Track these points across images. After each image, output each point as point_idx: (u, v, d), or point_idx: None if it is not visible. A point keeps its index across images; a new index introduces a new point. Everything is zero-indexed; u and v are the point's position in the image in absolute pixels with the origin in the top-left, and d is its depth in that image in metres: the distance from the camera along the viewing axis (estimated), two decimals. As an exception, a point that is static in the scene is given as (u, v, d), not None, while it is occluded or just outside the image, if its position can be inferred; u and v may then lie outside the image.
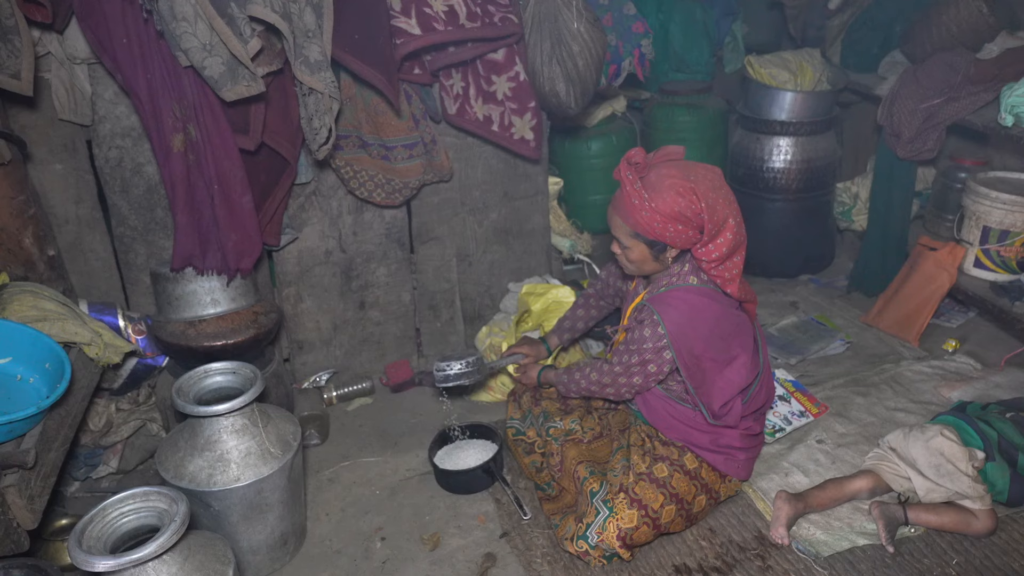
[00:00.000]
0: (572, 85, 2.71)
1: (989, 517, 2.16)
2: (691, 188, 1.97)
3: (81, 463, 2.51)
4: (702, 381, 2.13)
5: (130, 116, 2.48)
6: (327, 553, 2.31)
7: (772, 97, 3.62)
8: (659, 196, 1.97)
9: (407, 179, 2.74)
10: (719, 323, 2.12)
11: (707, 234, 2.00)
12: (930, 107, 3.10)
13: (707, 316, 2.11)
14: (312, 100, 2.25)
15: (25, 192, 2.30)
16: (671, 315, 2.07)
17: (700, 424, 2.22)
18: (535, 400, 2.53)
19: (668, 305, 2.09)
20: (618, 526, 2.08)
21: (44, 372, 2.00)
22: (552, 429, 2.41)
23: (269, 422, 2.16)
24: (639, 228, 2.03)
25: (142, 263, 2.68)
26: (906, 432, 2.32)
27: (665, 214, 1.97)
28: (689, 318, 2.08)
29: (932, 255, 3.22)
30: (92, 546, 1.61)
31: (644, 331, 2.11)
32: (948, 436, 2.22)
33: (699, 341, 2.09)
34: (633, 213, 2.01)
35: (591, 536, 2.10)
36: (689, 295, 2.10)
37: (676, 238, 2.01)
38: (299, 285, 2.92)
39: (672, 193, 1.96)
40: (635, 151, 2.04)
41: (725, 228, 2.02)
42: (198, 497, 2.03)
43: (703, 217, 1.97)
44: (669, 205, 1.96)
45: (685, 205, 1.96)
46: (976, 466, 2.20)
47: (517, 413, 2.55)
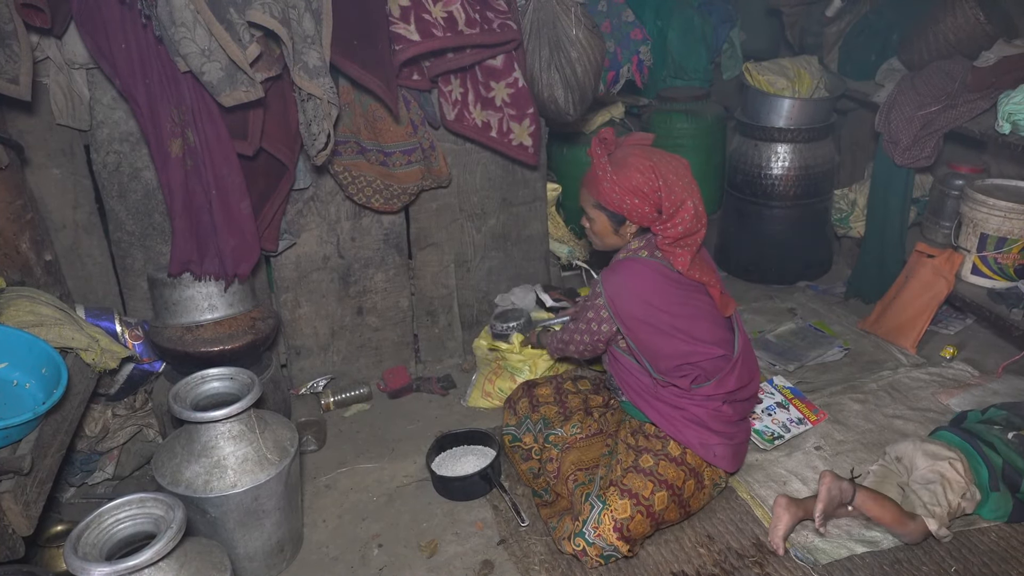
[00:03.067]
0: (570, 91, 2.72)
1: (925, 530, 2.16)
2: (651, 167, 2.12)
3: (77, 469, 2.50)
4: (643, 343, 2.22)
5: (128, 121, 2.48)
6: (324, 560, 2.30)
7: (770, 104, 3.63)
8: (622, 171, 2.13)
9: (405, 185, 2.74)
10: (659, 293, 2.19)
11: (665, 212, 2.13)
12: (927, 114, 3.11)
13: (646, 283, 2.19)
14: (311, 106, 2.26)
15: (22, 196, 2.30)
16: (611, 279, 2.21)
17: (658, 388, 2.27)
18: (533, 406, 2.55)
19: (612, 271, 2.24)
20: (613, 517, 2.10)
21: (40, 377, 1.99)
22: (552, 436, 2.44)
23: (266, 428, 2.15)
24: (602, 199, 2.19)
25: (139, 268, 2.68)
26: (916, 445, 2.30)
27: (625, 187, 2.12)
28: (626, 282, 2.20)
29: (930, 262, 3.22)
30: (88, 553, 1.61)
31: (595, 297, 2.27)
32: (957, 469, 2.20)
33: (637, 304, 2.18)
34: (598, 184, 2.18)
35: (588, 532, 2.11)
36: (633, 264, 2.21)
37: (633, 211, 2.15)
38: (297, 291, 2.91)
39: (633, 170, 2.12)
40: (606, 130, 2.21)
41: (682, 209, 2.12)
42: (195, 503, 2.02)
43: (660, 195, 2.11)
44: (629, 179, 2.12)
45: (643, 181, 2.11)
46: (964, 506, 2.19)
47: (512, 419, 2.57)
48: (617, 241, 2.29)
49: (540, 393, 2.59)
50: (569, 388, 2.62)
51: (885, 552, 2.18)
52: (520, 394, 2.62)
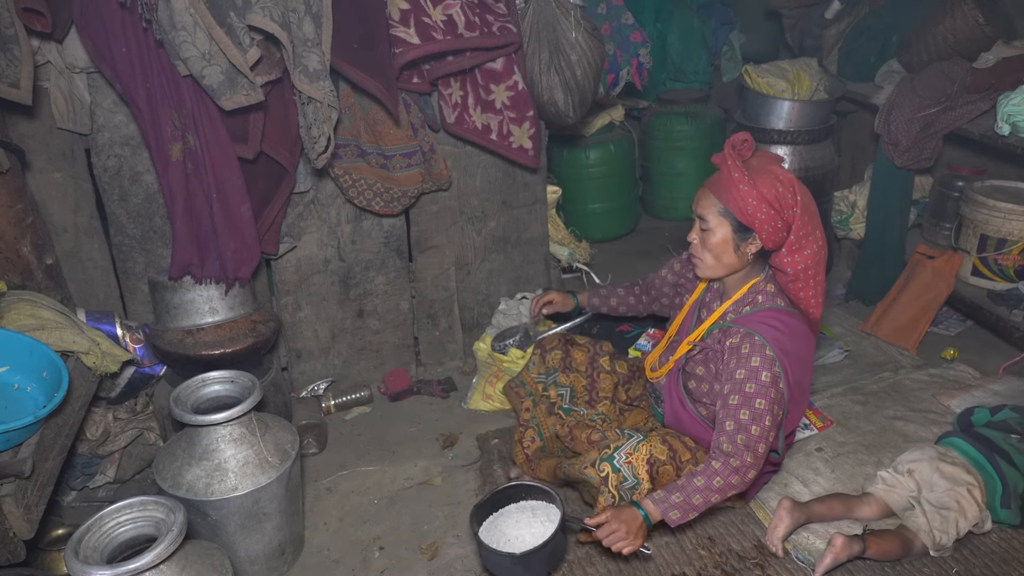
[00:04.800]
0: (570, 94, 2.72)
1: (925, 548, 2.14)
2: (792, 181, 1.94)
3: (78, 472, 2.50)
4: (790, 415, 2.05)
5: (129, 125, 2.49)
6: (325, 563, 2.30)
7: (770, 106, 3.63)
8: (760, 177, 1.93)
9: (406, 188, 2.75)
10: (807, 346, 2.05)
11: (794, 234, 1.94)
12: (927, 116, 3.12)
13: (801, 338, 2.02)
14: (311, 109, 2.26)
15: (23, 200, 2.30)
16: (774, 335, 1.96)
17: None
18: (565, 367, 2.39)
19: (766, 325, 1.98)
20: (650, 451, 2.02)
21: (41, 381, 1.99)
22: (575, 412, 2.35)
23: (267, 431, 2.16)
24: (731, 204, 1.95)
25: (140, 272, 2.68)
26: (934, 463, 2.24)
27: (762, 194, 1.91)
28: (789, 337, 1.98)
29: (930, 263, 3.23)
30: (89, 556, 1.61)
31: (752, 361, 1.95)
32: (975, 496, 2.16)
33: (799, 364, 2.00)
34: (730, 187, 1.94)
35: (618, 457, 2.01)
36: (784, 315, 2.01)
37: (764, 226, 1.93)
38: (297, 294, 2.91)
39: (773, 178, 1.93)
40: (740, 134, 1.98)
41: (812, 240, 1.96)
42: (195, 506, 2.02)
43: (796, 212, 1.92)
44: (769, 187, 1.91)
45: (784, 192, 1.92)
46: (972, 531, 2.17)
47: (542, 368, 2.44)
48: (733, 262, 2.03)
49: (576, 357, 2.42)
50: (604, 365, 2.43)
51: (886, 554, 2.17)
52: (555, 344, 2.46)
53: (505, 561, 1.96)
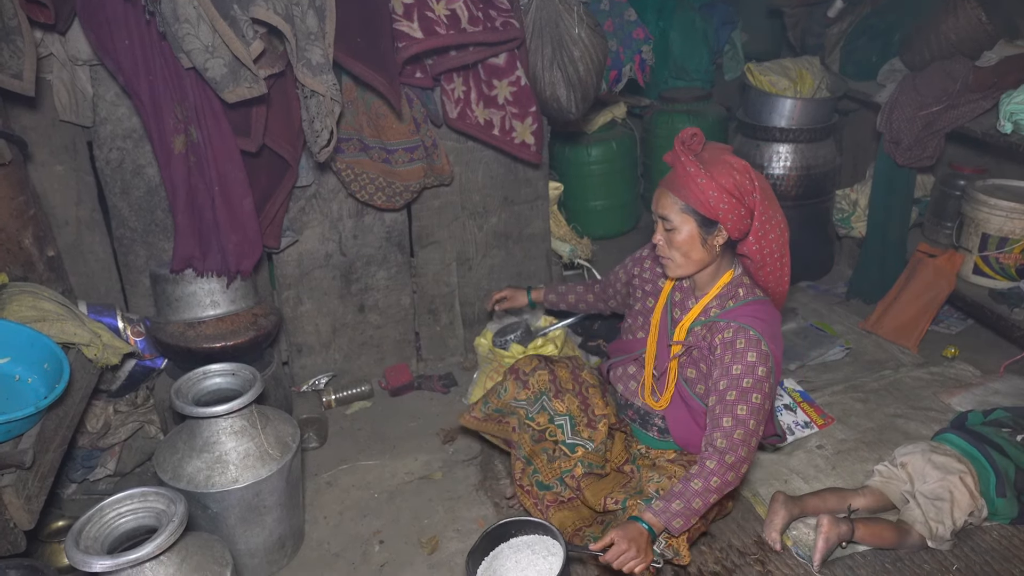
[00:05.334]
0: (573, 90, 2.72)
1: (923, 539, 2.15)
2: (746, 167, 1.93)
3: (79, 465, 2.49)
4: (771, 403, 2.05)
5: (131, 118, 2.48)
6: (325, 556, 2.30)
7: (772, 104, 3.63)
8: (716, 168, 1.91)
9: (408, 182, 2.74)
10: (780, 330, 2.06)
11: (757, 220, 1.93)
12: (929, 114, 3.12)
13: (779, 327, 2.03)
14: (314, 102, 2.26)
15: (25, 193, 2.29)
16: (765, 329, 1.95)
17: None
18: (557, 390, 2.21)
19: (756, 319, 1.96)
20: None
21: (42, 372, 1.99)
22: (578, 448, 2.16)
23: (268, 424, 2.15)
24: (692, 200, 1.92)
25: (142, 265, 2.68)
26: (925, 455, 2.27)
27: (721, 185, 1.89)
28: (775, 330, 1.98)
29: (931, 262, 3.23)
30: (89, 546, 1.61)
31: (748, 356, 1.94)
32: (967, 484, 2.18)
33: (781, 355, 2.01)
34: (688, 182, 1.92)
35: (659, 543, 1.93)
36: (766, 307, 2.01)
37: (728, 216, 1.91)
38: (299, 288, 2.91)
39: (728, 167, 1.91)
40: (689, 129, 1.97)
41: (775, 222, 1.96)
42: (196, 499, 2.02)
43: (756, 198, 1.91)
44: (726, 177, 1.89)
45: (741, 179, 1.90)
46: (970, 522, 2.18)
47: (523, 393, 2.24)
48: (703, 257, 2.00)
49: (561, 375, 2.27)
50: (589, 379, 2.30)
51: (887, 551, 2.17)
52: (536, 365, 2.27)
53: None
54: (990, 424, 2.45)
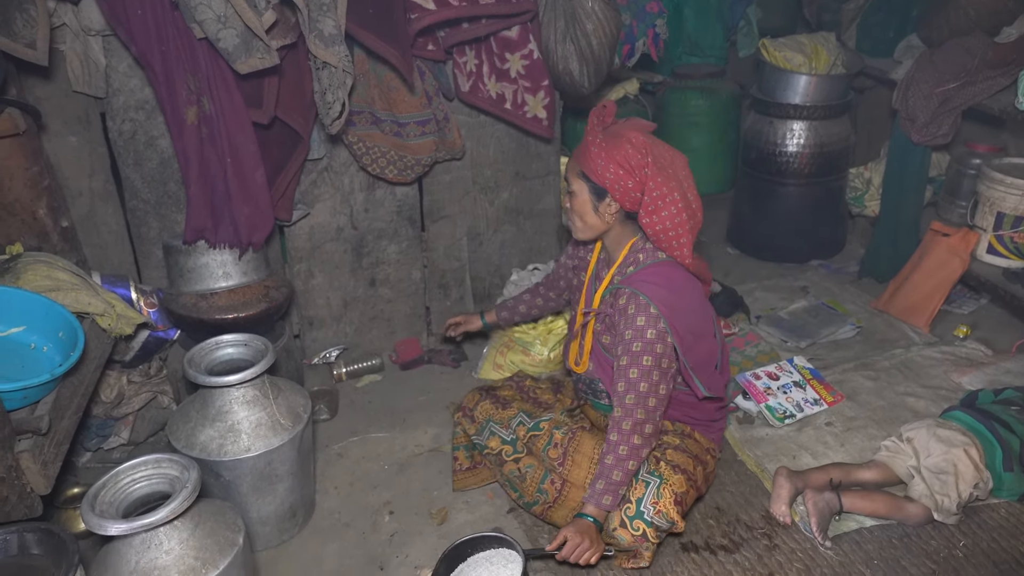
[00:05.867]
0: (585, 64, 2.71)
1: (927, 512, 2.16)
2: (644, 143, 1.99)
3: (93, 434, 2.53)
4: (695, 356, 2.08)
5: (144, 89, 2.48)
6: (336, 526, 2.33)
7: (786, 80, 3.60)
8: (614, 141, 2.00)
9: (419, 156, 2.74)
10: (693, 293, 2.11)
11: (648, 195, 1.98)
12: (946, 91, 3.08)
13: (686, 288, 2.09)
14: (326, 74, 2.25)
15: (39, 163, 2.30)
16: (656, 292, 2.01)
17: (692, 404, 2.21)
18: (501, 405, 2.33)
19: (648, 283, 2.03)
20: (673, 491, 2.00)
21: (57, 341, 2.02)
22: (544, 423, 2.24)
23: (280, 394, 2.17)
24: (585, 167, 2.04)
25: (154, 237, 2.69)
26: (930, 430, 2.27)
27: (612, 156, 1.98)
28: (672, 291, 2.04)
29: (944, 241, 3.21)
30: (105, 511, 1.63)
31: (637, 320, 2.00)
32: (971, 456, 2.18)
33: (686, 314, 2.05)
34: (586, 150, 2.04)
35: (647, 511, 1.99)
36: (664, 267, 2.07)
37: (615, 186, 1.99)
38: (310, 261, 2.92)
39: (625, 141, 1.99)
40: (607, 101, 2.09)
41: (670, 202, 1.99)
42: (209, 467, 2.04)
43: (647, 173, 1.97)
44: (619, 149, 1.98)
45: (632, 154, 1.97)
46: (976, 495, 2.18)
47: (472, 427, 2.35)
48: (596, 223, 2.09)
49: (504, 394, 2.39)
50: (532, 385, 2.47)
51: (894, 526, 2.19)
52: (477, 400, 2.38)
53: None
54: (1000, 403, 2.45)
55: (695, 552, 2.15)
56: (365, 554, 2.22)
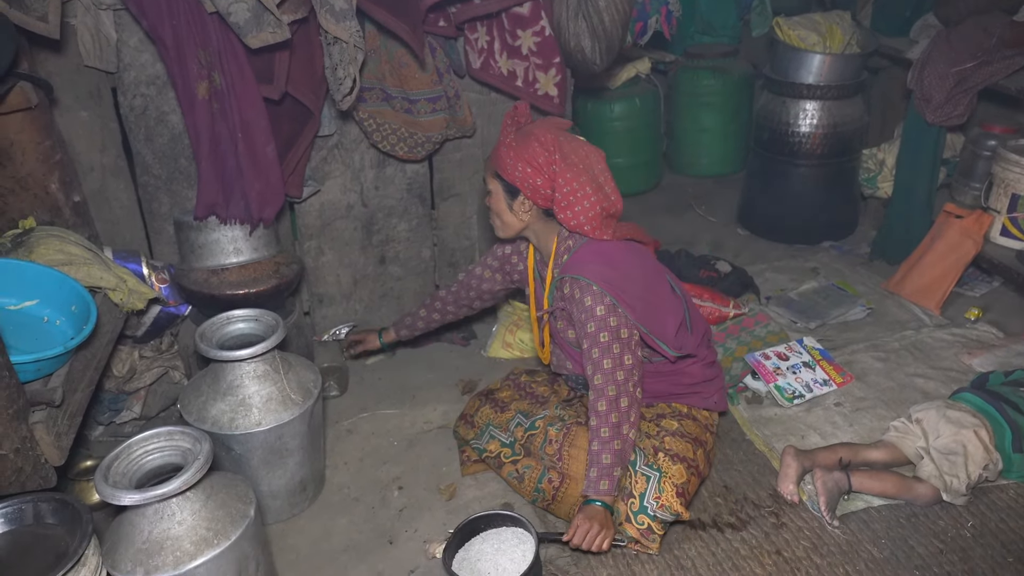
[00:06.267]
0: (597, 41, 2.68)
1: (936, 493, 2.15)
2: (553, 141, 2.02)
3: (105, 408, 2.55)
4: (652, 320, 2.09)
5: (155, 64, 2.48)
6: (345, 500, 2.35)
7: (800, 59, 3.56)
8: (525, 139, 2.04)
9: (430, 133, 2.73)
10: (631, 259, 2.11)
11: (559, 191, 2.02)
12: (962, 71, 3.04)
13: (622, 256, 2.10)
14: (337, 49, 2.25)
15: (51, 137, 2.31)
16: (594, 270, 2.03)
17: (675, 371, 2.22)
18: (499, 408, 2.38)
19: (584, 264, 2.06)
20: (673, 483, 2.03)
21: (70, 315, 2.03)
22: (539, 420, 2.28)
23: (290, 370, 2.18)
24: (498, 166, 2.09)
25: (166, 212, 2.70)
26: (940, 411, 2.27)
27: (520, 155, 2.02)
28: (609, 264, 2.06)
29: (957, 223, 3.18)
30: (118, 481, 1.65)
31: (585, 302, 2.02)
32: (981, 437, 2.17)
33: (630, 282, 2.07)
34: (498, 150, 2.10)
35: (650, 505, 2.02)
36: (594, 245, 2.09)
37: (526, 182, 2.03)
38: (320, 238, 2.93)
39: (533, 140, 2.03)
40: (520, 104, 2.14)
41: (583, 196, 2.03)
42: (220, 440, 2.06)
43: (555, 170, 2.01)
44: (527, 149, 2.02)
45: (540, 152, 2.01)
46: (985, 476, 2.18)
47: (471, 433, 2.40)
48: (513, 221, 2.14)
49: (502, 396, 2.44)
50: (528, 380, 2.50)
51: (902, 506, 2.19)
52: (477, 405, 2.45)
53: None
54: (1010, 384, 2.44)
55: (702, 530, 2.16)
56: (374, 528, 2.24)
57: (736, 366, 2.78)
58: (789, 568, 2.03)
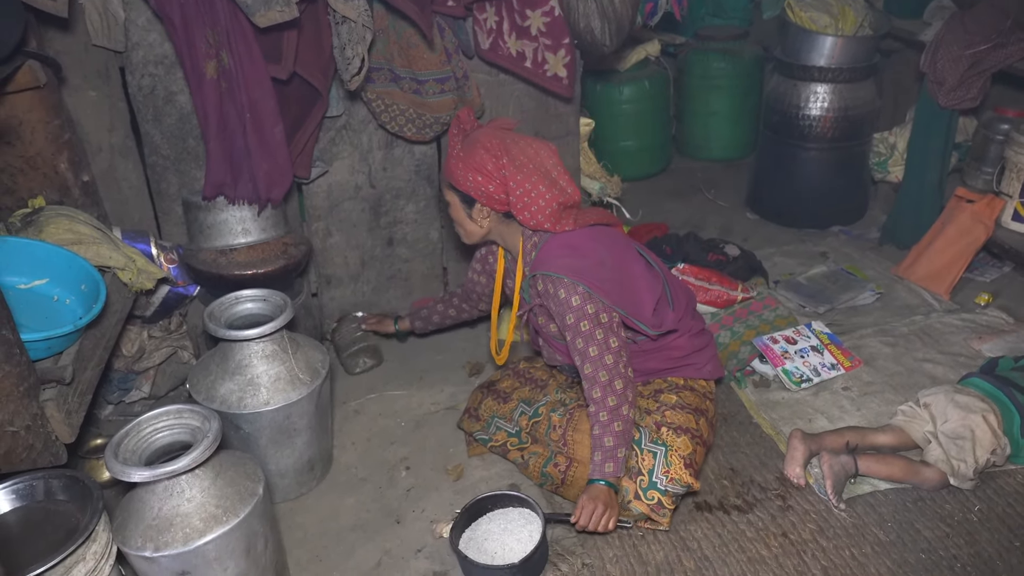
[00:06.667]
0: (607, 22, 2.66)
1: (943, 477, 2.15)
2: (499, 145, 2.02)
3: (115, 387, 2.56)
4: (628, 302, 2.09)
5: (163, 44, 2.47)
6: (353, 480, 2.36)
7: (811, 41, 3.53)
8: (469, 149, 2.04)
9: (438, 114, 2.72)
10: (598, 245, 2.10)
11: (512, 194, 2.02)
12: (976, 53, 3.01)
13: (587, 244, 2.09)
14: (345, 29, 2.24)
15: (60, 117, 2.31)
16: (561, 263, 2.04)
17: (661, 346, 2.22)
18: (502, 399, 2.40)
19: (551, 259, 2.06)
20: (680, 455, 2.04)
21: (80, 294, 2.04)
22: (541, 407, 2.31)
23: (299, 350, 2.19)
24: (451, 178, 2.09)
25: (174, 193, 2.70)
26: (948, 395, 2.26)
27: (469, 164, 2.03)
28: (575, 255, 2.06)
29: (969, 207, 3.16)
30: (128, 458, 1.66)
31: (560, 295, 2.03)
32: (989, 422, 2.17)
33: (600, 268, 2.06)
34: (448, 162, 2.11)
35: (659, 481, 2.03)
36: (557, 238, 2.09)
37: (478, 190, 2.04)
38: (328, 219, 2.93)
39: (479, 147, 2.03)
40: (464, 110, 2.14)
41: (537, 195, 2.02)
42: (229, 419, 2.07)
43: (505, 175, 2.01)
44: (474, 157, 2.02)
45: (487, 159, 2.01)
46: (993, 461, 2.17)
47: (477, 426, 2.42)
48: (475, 229, 2.15)
49: (503, 387, 2.46)
50: (527, 366, 2.52)
51: (908, 490, 2.19)
52: (480, 398, 2.46)
53: (505, 574, 1.92)
54: (1019, 370, 2.43)
55: (708, 511, 2.17)
56: (382, 508, 2.25)
57: (744, 350, 2.78)
58: (795, 550, 2.03)
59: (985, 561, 1.97)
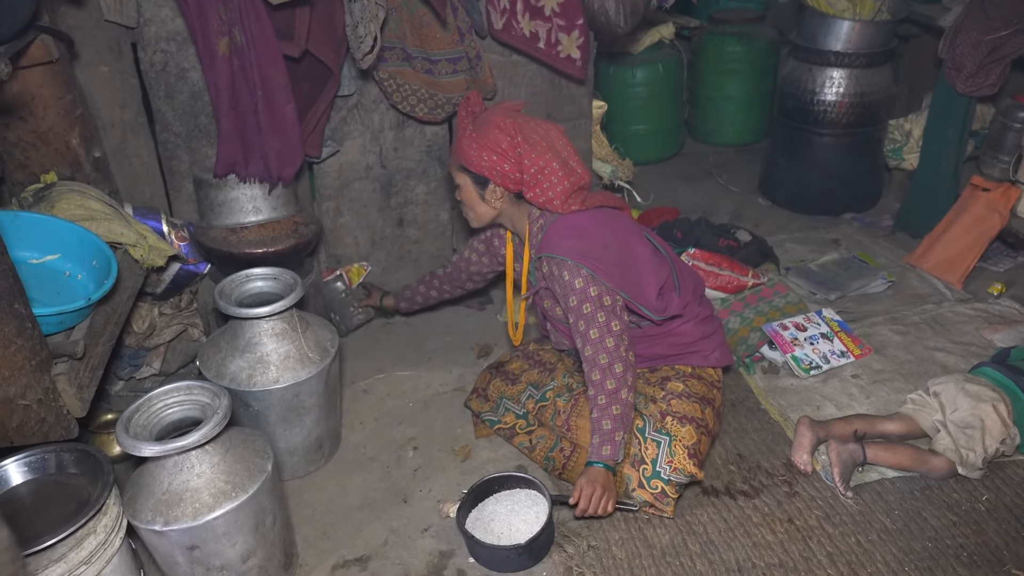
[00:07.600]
0: (622, 3, 2.63)
1: (951, 466, 2.14)
2: (512, 124, 2.03)
3: (125, 363, 2.58)
4: (632, 286, 2.09)
5: (175, 19, 2.46)
6: (361, 459, 2.38)
7: (828, 26, 3.49)
8: (483, 128, 2.05)
9: (450, 95, 2.71)
10: (604, 228, 2.10)
11: (526, 172, 2.03)
12: (996, 39, 2.97)
13: (593, 226, 2.09)
14: (358, 6, 2.22)
15: (72, 92, 2.31)
16: (567, 245, 2.04)
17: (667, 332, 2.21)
18: (511, 381, 2.40)
19: (557, 241, 2.06)
20: (685, 445, 2.05)
21: (91, 269, 2.04)
22: (548, 392, 2.31)
23: (308, 328, 2.20)
24: (463, 159, 2.09)
25: (185, 170, 2.70)
26: (959, 384, 2.25)
27: (483, 144, 2.03)
28: (581, 236, 2.05)
29: (983, 196, 3.13)
30: (138, 433, 1.67)
31: (564, 277, 2.03)
32: (999, 411, 2.15)
33: (605, 251, 2.06)
34: (460, 143, 2.10)
35: (663, 470, 2.04)
36: (563, 220, 2.09)
37: (494, 170, 2.04)
38: (339, 199, 2.92)
39: (492, 127, 2.04)
40: (472, 93, 2.14)
41: (549, 173, 2.04)
42: (238, 396, 2.08)
43: (520, 153, 2.02)
44: (488, 137, 2.03)
45: (502, 137, 2.02)
46: (1002, 450, 2.16)
47: (486, 406, 2.42)
48: (487, 211, 2.14)
49: (512, 368, 2.45)
50: (536, 348, 2.51)
51: (916, 478, 2.18)
52: (488, 379, 2.46)
53: (511, 554, 1.93)
54: (1031, 360, 2.41)
55: (715, 496, 2.17)
56: (389, 487, 2.27)
57: (753, 336, 2.77)
58: (801, 536, 2.03)
59: (992, 551, 1.97)
